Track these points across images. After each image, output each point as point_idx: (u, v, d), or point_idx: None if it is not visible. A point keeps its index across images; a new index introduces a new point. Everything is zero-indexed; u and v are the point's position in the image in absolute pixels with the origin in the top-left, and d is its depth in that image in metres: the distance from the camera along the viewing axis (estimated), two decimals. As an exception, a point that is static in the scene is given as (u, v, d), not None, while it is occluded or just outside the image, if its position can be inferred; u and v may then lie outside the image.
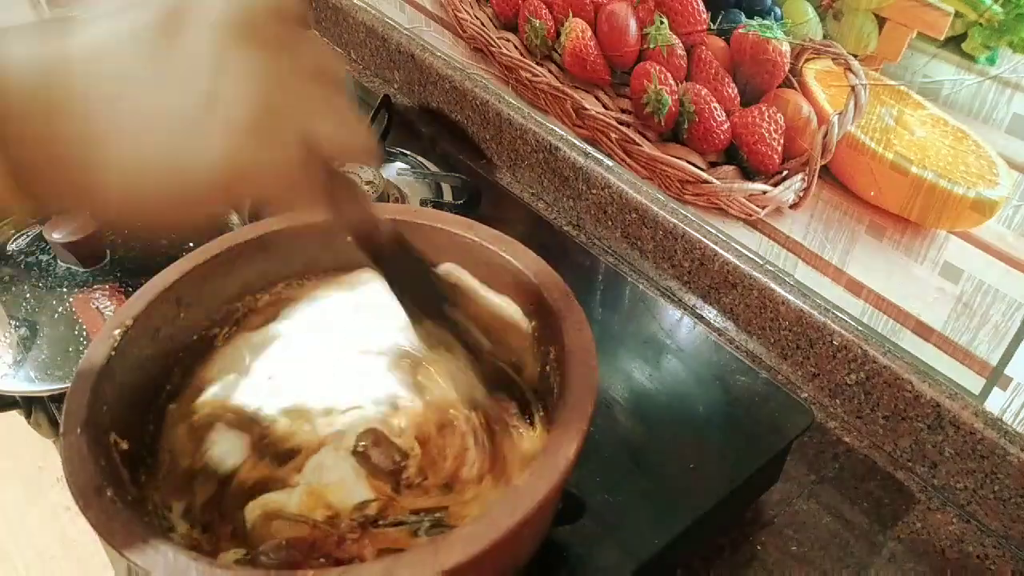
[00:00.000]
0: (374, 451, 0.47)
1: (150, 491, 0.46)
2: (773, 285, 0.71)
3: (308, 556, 0.43)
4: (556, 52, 0.83)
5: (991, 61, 0.51)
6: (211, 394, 0.50)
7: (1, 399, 0.64)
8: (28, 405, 0.66)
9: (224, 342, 0.53)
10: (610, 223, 0.84)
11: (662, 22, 0.70)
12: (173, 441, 0.49)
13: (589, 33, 0.77)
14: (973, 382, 0.61)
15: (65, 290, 0.67)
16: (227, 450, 0.47)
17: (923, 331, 0.63)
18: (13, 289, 0.68)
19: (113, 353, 0.46)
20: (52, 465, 0.77)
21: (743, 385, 0.62)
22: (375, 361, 0.51)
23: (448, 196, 0.81)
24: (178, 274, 0.51)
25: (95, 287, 0.68)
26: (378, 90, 1.08)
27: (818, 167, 0.64)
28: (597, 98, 0.81)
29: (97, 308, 0.66)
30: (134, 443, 0.47)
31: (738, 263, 0.73)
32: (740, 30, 0.65)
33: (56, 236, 0.67)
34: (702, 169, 0.74)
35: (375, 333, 0.53)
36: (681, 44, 0.70)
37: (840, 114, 0.61)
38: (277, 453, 0.47)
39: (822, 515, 0.62)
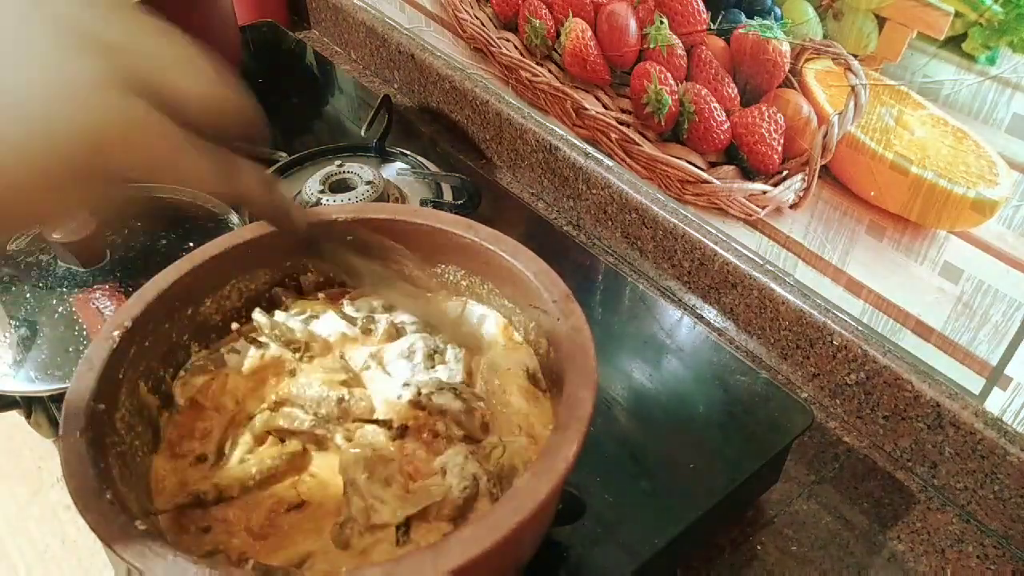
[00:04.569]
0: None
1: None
2: (773, 285, 0.71)
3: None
4: (556, 52, 0.83)
5: (991, 61, 0.51)
6: None
7: (1, 399, 0.64)
8: (28, 405, 0.66)
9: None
10: (610, 223, 0.84)
11: (662, 22, 0.70)
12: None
13: (589, 33, 0.77)
14: (973, 382, 0.61)
15: (65, 290, 0.67)
16: None
17: (923, 331, 0.63)
18: (13, 289, 0.68)
19: (112, 355, 0.46)
20: (52, 465, 0.76)
21: (743, 385, 0.62)
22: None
23: (448, 196, 0.81)
24: (177, 275, 0.51)
25: (95, 287, 0.68)
26: (378, 90, 1.08)
27: (818, 167, 0.64)
28: (597, 98, 0.81)
29: (97, 308, 0.66)
30: (133, 445, 0.47)
31: (738, 263, 0.73)
32: (740, 30, 0.65)
33: (56, 236, 0.67)
34: (702, 169, 0.73)
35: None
36: (681, 44, 0.70)
37: (840, 114, 0.61)
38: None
39: (822, 515, 0.62)
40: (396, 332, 0.55)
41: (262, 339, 0.54)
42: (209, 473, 0.47)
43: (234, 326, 0.55)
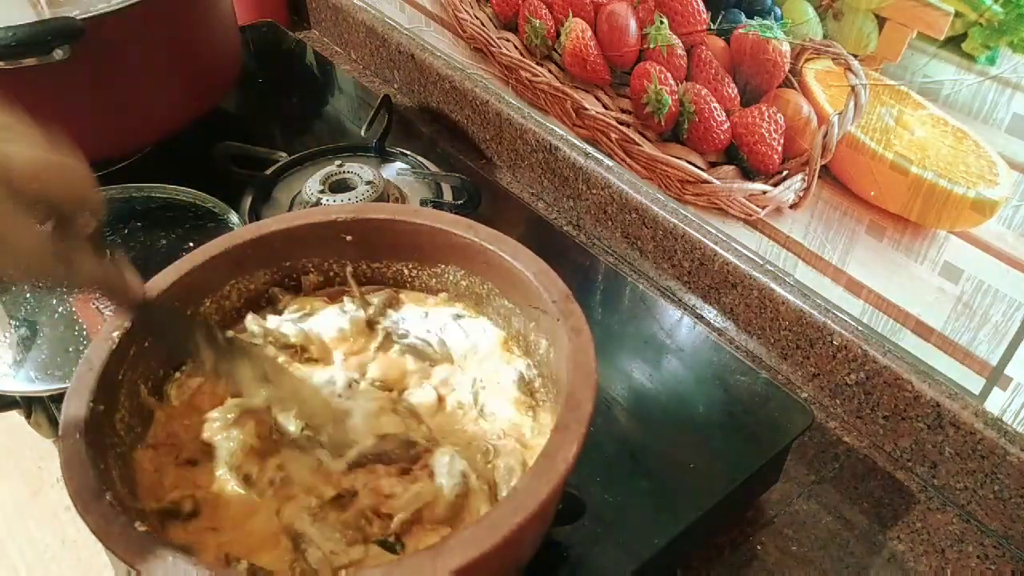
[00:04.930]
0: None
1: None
2: (773, 285, 0.71)
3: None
4: (556, 52, 0.83)
5: (991, 61, 0.51)
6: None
7: (1, 399, 0.64)
8: (28, 405, 0.66)
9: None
10: (610, 223, 0.84)
11: (662, 22, 0.70)
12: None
13: (589, 33, 0.77)
14: (973, 382, 0.61)
15: (65, 290, 0.67)
16: None
17: (923, 331, 0.63)
18: (13, 289, 0.68)
19: (112, 355, 0.46)
20: (52, 465, 0.77)
21: (743, 385, 0.62)
22: None
23: (448, 196, 0.81)
24: (177, 275, 0.51)
25: (95, 287, 0.68)
26: (378, 90, 1.08)
27: (818, 167, 0.64)
28: (597, 98, 0.81)
29: (97, 308, 0.66)
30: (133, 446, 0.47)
31: (738, 263, 0.73)
32: (740, 30, 0.65)
33: (56, 236, 0.67)
34: (702, 169, 0.73)
35: None
36: (681, 44, 0.70)
37: (840, 114, 0.61)
38: None
39: (822, 515, 0.62)
40: (389, 340, 0.54)
41: (256, 342, 0.53)
42: (193, 477, 0.47)
43: (229, 334, 0.52)
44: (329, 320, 0.55)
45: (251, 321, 0.54)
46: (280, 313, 0.56)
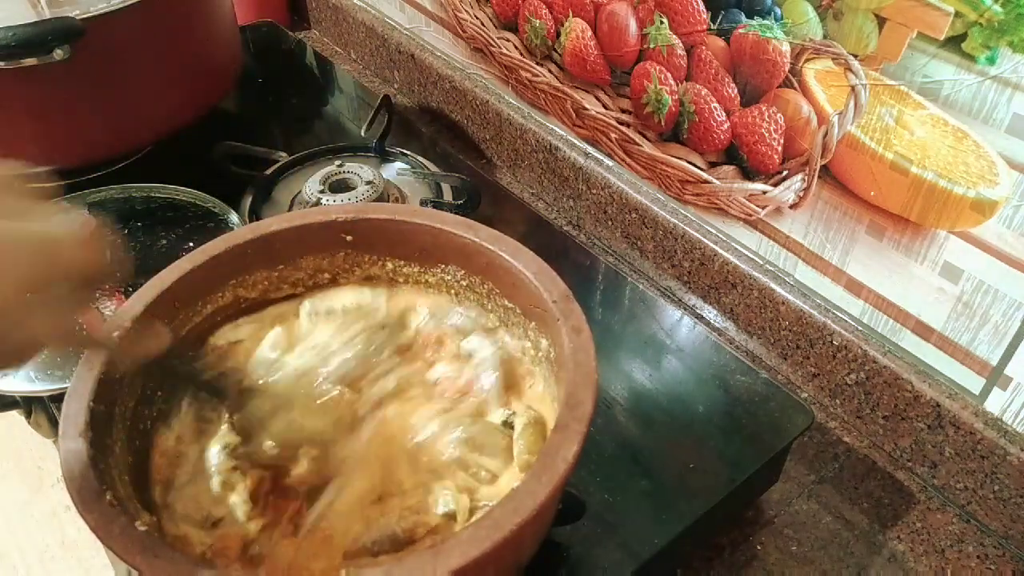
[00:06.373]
0: None
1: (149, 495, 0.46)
2: (773, 285, 0.71)
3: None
4: (556, 52, 0.83)
5: (991, 61, 0.51)
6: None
7: (1, 399, 0.64)
8: (28, 405, 0.66)
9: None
10: (610, 223, 0.84)
11: (662, 22, 0.70)
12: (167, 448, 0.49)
13: (589, 33, 0.77)
14: (973, 382, 0.61)
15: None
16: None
17: (923, 331, 0.63)
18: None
19: (113, 355, 0.46)
20: (52, 465, 0.77)
21: (743, 385, 0.63)
22: None
23: (448, 196, 0.81)
24: (177, 275, 0.51)
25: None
26: (378, 90, 1.08)
27: (818, 167, 0.64)
28: (597, 98, 0.81)
29: (97, 308, 0.66)
30: (133, 446, 0.47)
31: (738, 263, 0.73)
32: (740, 30, 0.65)
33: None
34: (702, 169, 0.73)
35: None
36: (681, 44, 0.70)
37: (840, 114, 0.61)
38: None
39: (822, 515, 0.62)
40: None
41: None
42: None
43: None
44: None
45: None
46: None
